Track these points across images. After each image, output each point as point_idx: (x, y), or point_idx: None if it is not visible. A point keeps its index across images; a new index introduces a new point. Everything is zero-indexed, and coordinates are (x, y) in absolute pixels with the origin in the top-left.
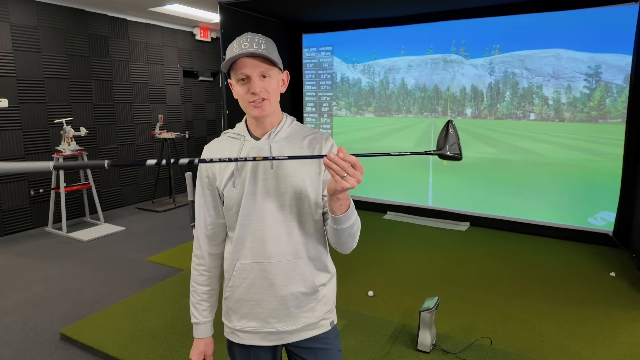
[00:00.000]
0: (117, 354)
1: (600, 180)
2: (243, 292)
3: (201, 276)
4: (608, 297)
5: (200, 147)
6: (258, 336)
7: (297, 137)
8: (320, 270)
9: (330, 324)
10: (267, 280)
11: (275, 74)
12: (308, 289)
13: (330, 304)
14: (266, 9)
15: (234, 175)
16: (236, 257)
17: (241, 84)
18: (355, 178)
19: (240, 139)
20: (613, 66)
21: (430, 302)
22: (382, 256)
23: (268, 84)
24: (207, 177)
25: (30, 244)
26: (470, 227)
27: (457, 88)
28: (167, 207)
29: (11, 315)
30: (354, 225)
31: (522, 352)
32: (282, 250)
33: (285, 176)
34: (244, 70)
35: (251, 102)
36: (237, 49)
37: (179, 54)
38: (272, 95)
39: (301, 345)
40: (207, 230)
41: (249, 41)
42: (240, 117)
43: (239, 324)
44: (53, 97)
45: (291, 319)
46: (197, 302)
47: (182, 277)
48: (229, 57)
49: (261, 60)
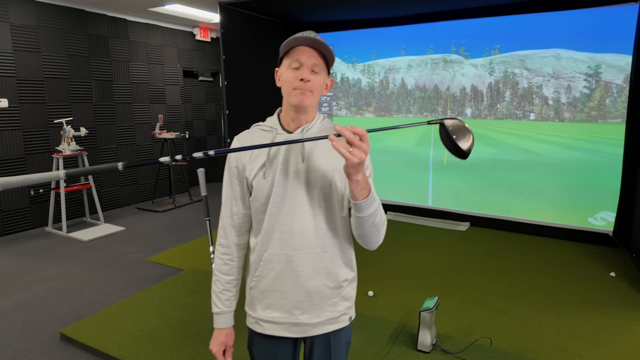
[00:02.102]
0: (117, 354)
1: (600, 180)
2: (269, 282)
3: (225, 265)
4: (608, 297)
5: (200, 147)
6: (281, 327)
7: (328, 133)
8: (345, 265)
9: (349, 319)
10: (294, 272)
11: (324, 74)
12: (332, 284)
13: (351, 301)
14: (266, 9)
15: (265, 166)
16: (264, 248)
17: (291, 70)
18: (362, 149)
19: (272, 132)
20: (613, 66)
21: (430, 302)
22: (382, 256)
23: (315, 79)
24: (237, 168)
25: (30, 244)
26: (470, 227)
27: (457, 88)
28: (167, 207)
29: (11, 315)
30: (377, 215)
31: (522, 352)
32: (309, 243)
33: (316, 170)
34: (300, 57)
35: (296, 89)
36: (300, 36)
37: (179, 54)
38: (316, 90)
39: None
40: (234, 221)
41: (313, 36)
42: (240, 117)
43: (264, 313)
44: (53, 97)
45: (314, 312)
46: (219, 291)
47: (182, 277)
48: (290, 40)
49: (317, 55)
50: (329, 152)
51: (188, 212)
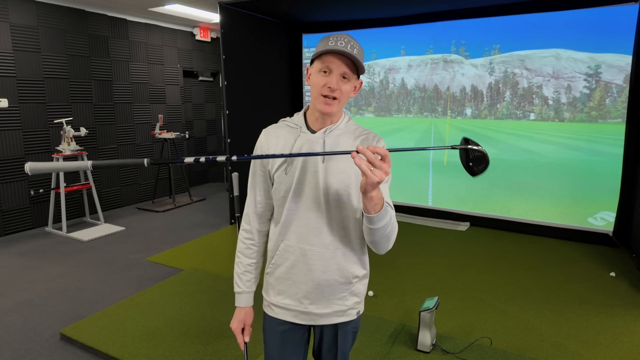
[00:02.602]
0: (117, 354)
1: (600, 180)
2: (284, 271)
3: (248, 249)
4: (608, 297)
5: (200, 147)
6: (291, 313)
7: (350, 135)
8: (357, 263)
9: (357, 313)
10: (307, 265)
11: (354, 80)
12: (343, 279)
13: (361, 296)
14: (266, 9)
15: (287, 162)
16: (281, 239)
17: (321, 75)
18: (383, 170)
19: (297, 130)
20: (613, 66)
21: (430, 302)
22: (382, 256)
23: (344, 86)
24: (261, 160)
25: (30, 244)
26: (470, 227)
27: (457, 88)
28: (167, 207)
29: (11, 315)
30: (387, 227)
31: (522, 352)
32: (323, 240)
33: (334, 171)
34: (331, 65)
35: (323, 95)
36: (333, 44)
37: (179, 54)
38: (344, 97)
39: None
40: (257, 209)
41: (346, 42)
42: (239, 117)
43: (276, 299)
44: (53, 97)
45: (323, 303)
46: (241, 272)
47: (182, 277)
48: (323, 49)
49: (348, 63)
50: (349, 156)
51: (188, 212)
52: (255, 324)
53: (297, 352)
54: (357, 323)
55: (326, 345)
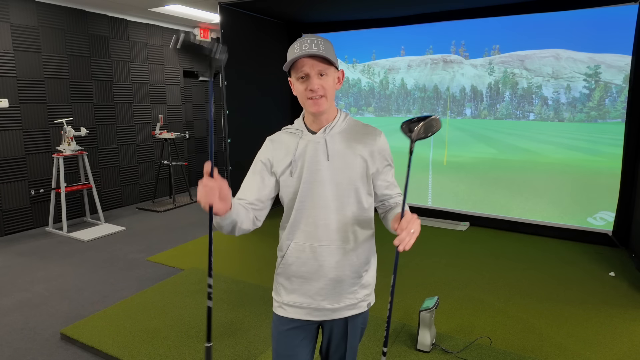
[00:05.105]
0: (117, 354)
1: (600, 180)
2: (295, 269)
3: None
4: (608, 297)
5: (200, 147)
6: (304, 311)
7: (351, 131)
8: (366, 256)
9: (367, 305)
10: (317, 262)
11: (332, 72)
12: (354, 274)
13: (370, 288)
14: (266, 9)
15: (292, 165)
16: (291, 238)
17: (301, 82)
18: (417, 232)
19: (298, 134)
20: (612, 66)
21: (430, 301)
22: (381, 256)
23: (325, 82)
24: (262, 162)
25: (30, 244)
26: (470, 227)
27: (457, 88)
28: (167, 207)
29: (11, 315)
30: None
31: (522, 352)
32: (332, 236)
33: (339, 168)
34: (304, 69)
35: (309, 99)
36: (298, 50)
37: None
38: (329, 92)
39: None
40: (240, 202)
41: (309, 42)
42: (239, 117)
43: (288, 298)
44: (53, 97)
45: (335, 298)
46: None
47: (182, 277)
48: (291, 58)
49: (319, 60)
50: (352, 152)
51: (188, 212)
52: (256, 325)
53: (306, 350)
54: (366, 318)
55: (335, 341)
